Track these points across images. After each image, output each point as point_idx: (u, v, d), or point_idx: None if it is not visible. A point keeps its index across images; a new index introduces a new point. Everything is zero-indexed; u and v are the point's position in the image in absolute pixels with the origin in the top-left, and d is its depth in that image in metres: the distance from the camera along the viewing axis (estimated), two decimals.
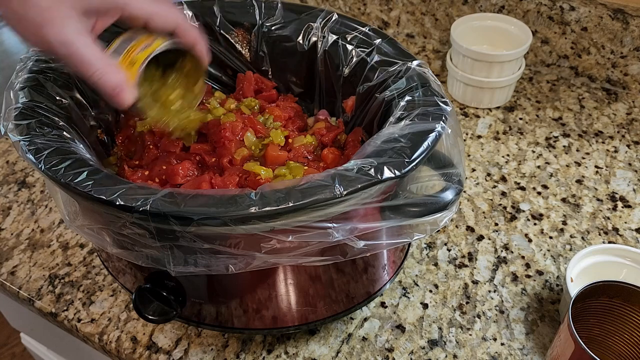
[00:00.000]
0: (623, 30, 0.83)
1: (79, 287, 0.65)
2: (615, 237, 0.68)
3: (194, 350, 0.58)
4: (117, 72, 0.47)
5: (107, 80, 0.46)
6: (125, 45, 0.50)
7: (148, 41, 0.50)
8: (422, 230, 0.47)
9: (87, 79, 0.46)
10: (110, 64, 0.47)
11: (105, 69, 0.46)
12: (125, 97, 0.47)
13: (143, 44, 0.50)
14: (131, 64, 0.49)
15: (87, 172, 0.44)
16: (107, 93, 0.47)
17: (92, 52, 0.46)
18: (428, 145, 0.46)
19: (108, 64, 0.47)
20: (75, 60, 0.45)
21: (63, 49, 0.45)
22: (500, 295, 0.62)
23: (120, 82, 0.47)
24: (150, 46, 0.50)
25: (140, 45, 0.50)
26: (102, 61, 0.46)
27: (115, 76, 0.47)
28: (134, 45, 0.50)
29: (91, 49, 0.46)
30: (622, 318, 0.52)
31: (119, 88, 0.47)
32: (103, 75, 0.46)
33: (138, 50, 0.50)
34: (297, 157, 0.56)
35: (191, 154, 0.56)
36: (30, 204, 0.76)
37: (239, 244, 0.44)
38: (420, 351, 0.58)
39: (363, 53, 0.58)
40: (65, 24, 0.44)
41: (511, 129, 0.83)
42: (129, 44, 0.50)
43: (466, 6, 0.92)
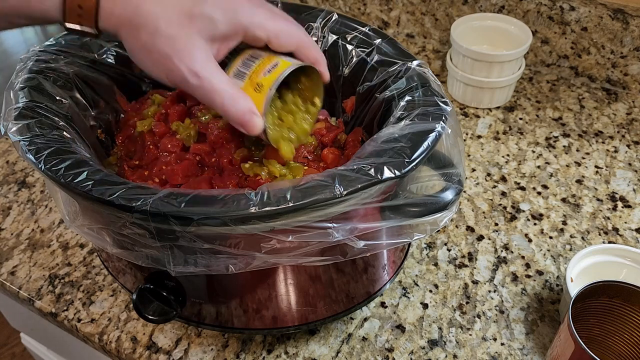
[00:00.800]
0: (623, 30, 0.83)
1: (79, 287, 0.65)
2: (615, 237, 0.68)
3: (194, 350, 0.58)
4: (245, 100, 0.46)
5: (237, 110, 0.45)
6: (246, 67, 0.48)
7: (271, 62, 0.48)
8: (422, 230, 0.47)
9: (216, 108, 0.46)
10: (238, 92, 0.46)
11: (235, 97, 0.45)
12: (254, 126, 0.46)
13: (267, 66, 0.48)
14: (257, 89, 0.47)
15: (87, 172, 0.44)
16: (236, 121, 0.46)
17: (221, 80, 0.45)
18: (428, 145, 0.46)
19: (236, 92, 0.45)
20: (205, 90, 0.44)
21: (194, 79, 0.44)
22: (500, 295, 0.62)
23: (249, 110, 0.46)
24: (276, 68, 0.47)
25: (265, 67, 0.47)
26: (231, 90, 0.45)
27: (244, 104, 0.45)
28: (257, 67, 0.48)
29: (219, 76, 0.45)
30: (622, 318, 0.52)
31: (248, 116, 0.46)
32: (233, 104, 0.45)
33: (263, 73, 0.47)
34: (297, 157, 0.56)
35: (191, 154, 0.56)
36: (30, 204, 0.76)
37: (239, 244, 0.44)
38: (420, 351, 0.58)
39: (363, 53, 0.58)
40: (195, 54, 0.44)
41: (511, 129, 0.83)
42: (251, 65, 0.48)
43: (466, 6, 0.92)
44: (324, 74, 0.52)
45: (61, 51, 0.57)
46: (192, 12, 0.44)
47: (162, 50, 0.43)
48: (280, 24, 0.49)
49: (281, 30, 0.48)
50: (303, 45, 0.49)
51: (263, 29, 0.47)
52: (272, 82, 0.47)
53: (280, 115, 0.52)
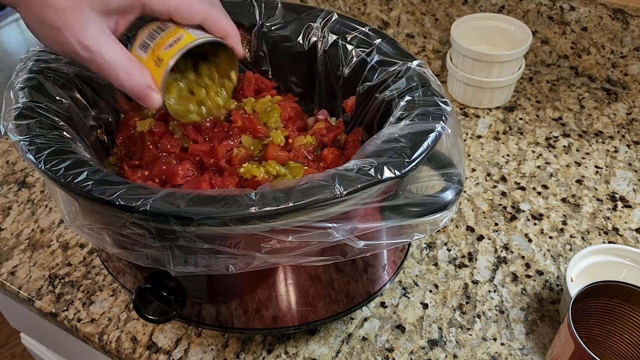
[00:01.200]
0: (623, 30, 0.83)
1: (79, 287, 0.65)
2: (615, 237, 0.68)
3: (194, 350, 0.58)
4: (142, 74, 0.45)
5: (132, 84, 0.44)
6: (151, 39, 0.47)
7: (176, 35, 0.46)
8: (422, 230, 0.47)
9: (112, 82, 0.45)
10: (134, 66, 0.44)
11: (130, 70, 0.44)
12: (151, 100, 0.45)
13: (171, 39, 0.46)
14: (158, 63, 0.46)
15: (87, 172, 0.44)
16: (133, 96, 0.45)
17: (115, 53, 0.43)
18: (428, 145, 0.46)
19: (132, 65, 0.44)
20: (98, 63, 0.43)
21: (84, 52, 0.43)
22: (500, 295, 0.62)
23: (145, 84, 0.45)
24: (178, 42, 0.46)
25: (168, 41, 0.46)
26: (126, 63, 0.44)
27: (140, 78, 0.44)
28: (160, 40, 0.46)
29: (114, 50, 0.43)
30: (622, 318, 0.52)
31: (144, 91, 0.45)
32: (128, 78, 0.44)
33: (164, 47, 0.46)
34: (297, 157, 0.56)
35: (190, 154, 0.56)
36: (30, 204, 0.76)
37: (239, 244, 0.44)
38: (420, 351, 0.58)
39: (363, 53, 0.58)
40: (86, 26, 0.42)
41: (511, 129, 0.83)
42: (156, 38, 0.46)
43: (466, 6, 0.92)
44: (234, 48, 0.49)
45: None
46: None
47: (52, 23, 0.42)
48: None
49: (182, 3, 0.46)
50: (209, 19, 0.47)
51: (161, 3, 0.45)
52: (171, 56, 0.46)
53: (192, 88, 0.51)
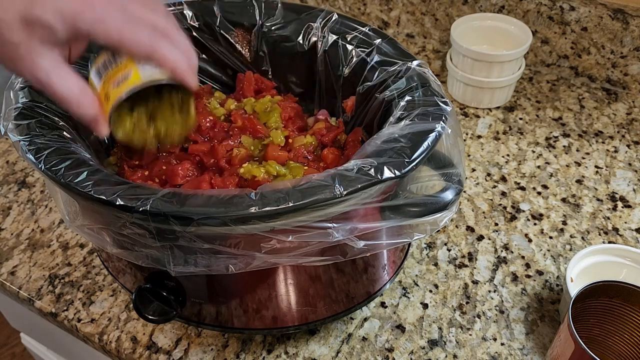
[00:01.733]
0: (623, 30, 0.83)
1: (79, 287, 0.65)
2: (615, 237, 0.68)
3: (194, 350, 0.58)
4: (92, 106, 0.46)
5: (82, 115, 0.46)
6: (104, 69, 0.47)
7: (125, 71, 0.46)
8: (422, 230, 0.47)
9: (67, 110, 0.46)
10: (84, 97, 0.45)
11: (80, 102, 0.45)
12: (99, 131, 0.47)
13: (120, 74, 0.46)
14: (106, 99, 0.47)
15: (87, 172, 0.44)
16: (85, 124, 0.47)
17: (67, 85, 0.45)
18: (428, 145, 0.46)
19: (82, 97, 0.45)
20: (50, 94, 0.45)
21: (37, 84, 0.44)
22: (500, 295, 0.62)
23: (93, 116, 0.46)
24: (125, 81, 0.46)
25: (117, 77, 0.46)
26: (77, 95, 0.45)
27: (89, 110, 0.46)
28: (111, 73, 0.47)
29: (65, 82, 0.45)
30: (622, 318, 0.52)
31: (93, 123, 0.46)
32: (78, 109, 0.45)
33: (113, 82, 0.47)
34: (297, 157, 0.56)
35: (190, 154, 0.56)
36: (30, 204, 0.76)
37: (239, 244, 0.44)
38: (420, 351, 0.58)
39: (363, 53, 0.58)
40: (38, 60, 0.43)
41: (511, 129, 0.83)
42: (108, 70, 0.47)
43: (466, 6, 0.92)
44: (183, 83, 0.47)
45: None
46: (30, 19, 0.42)
47: (8, 56, 0.43)
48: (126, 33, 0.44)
49: (126, 40, 0.44)
50: (154, 56, 0.45)
51: (105, 38, 0.44)
52: (116, 98, 0.46)
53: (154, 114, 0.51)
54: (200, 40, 0.65)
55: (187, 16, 0.64)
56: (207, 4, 0.65)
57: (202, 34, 0.65)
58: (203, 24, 0.64)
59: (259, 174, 0.52)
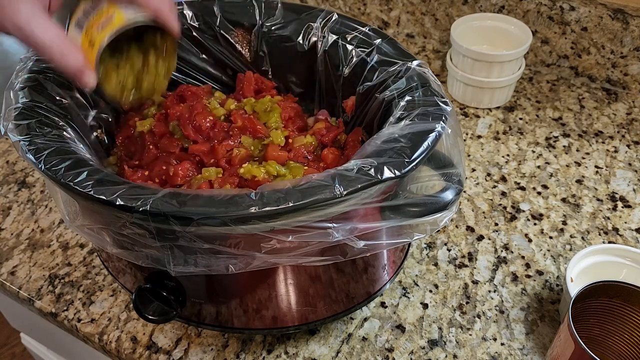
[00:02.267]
0: (623, 30, 0.83)
1: (79, 287, 0.65)
2: (615, 237, 0.68)
3: (194, 350, 0.58)
4: (75, 55, 0.45)
5: (66, 65, 0.45)
6: (84, 18, 0.46)
7: (107, 15, 0.46)
8: (422, 230, 0.47)
9: (48, 62, 0.45)
10: (67, 46, 0.45)
11: (63, 51, 0.44)
12: (86, 80, 0.46)
13: (102, 18, 0.46)
14: (91, 45, 0.46)
15: (87, 172, 0.44)
16: (68, 76, 0.46)
17: (48, 33, 0.44)
18: (428, 145, 0.46)
19: (65, 46, 0.44)
20: (32, 43, 0.44)
21: (18, 32, 0.43)
22: (500, 295, 0.62)
23: (79, 65, 0.45)
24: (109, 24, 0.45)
25: (100, 20, 0.46)
26: (59, 44, 0.44)
27: (73, 59, 0.45)
28: (93, 19, 0.46)
29: (47, 30, 0.44)
30: (622, 318, 0.52)
31: (78, 73, 0.45)
32: (61, 58, 0.44)
33: (97, 27, 0.46)
34: (297, 157, 0.56)
35: (190, 154, 0.56)
36: (30, 204, 0.76)
37: (239, 244, 0.44)
38: (420, 351, 0.58)
39: (363, 53, 0.58)
40: (18, 6, 0.43)
41: (511, 129, 0.83)
42: (89, 17, 0.46)
43: (466, 6, 0.92)
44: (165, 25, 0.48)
45: None
46: None
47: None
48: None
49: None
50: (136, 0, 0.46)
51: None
52: (103, 39, 0.46)
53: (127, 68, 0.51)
54: (200, 40, 0.65)
55: (187, 16, 0.64)
56: (207, 4, 0.65)
57: (202, 34, 0.65)
58: (203, 24, 0.64)
59: (259, 174, 0.52)
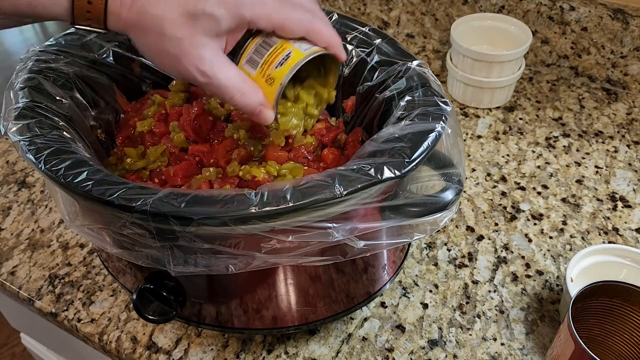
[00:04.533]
0: (623, 30, 0.83)
1: (79, 287, 0.65)
2: (615, 237, 0.68)
3: (194, 350, 0.58)
4: (255, 93, 0.47)
5: (246, 103, 0.47)
6: (259, 55, 0.48)
7: (284, 52, 0.48)
8: (422, 230, 0.47)
9: (228, 102, 0.47)
10: (247, 86, 0.47)
11: (243, 90, 0.46)
12: (265, 118, 0.48)
13: (279, 56, 0.48)
14: (269, 82, 0.48)
15: (87, 172, 0.44)
16: (247, 113, 0.48)
17: (230, 75, 0.46)
18: (428, 145, 0.46)
19: (245, 85, 0.47)
20: (214, 87, 0.46)
21: (202, 78, 0.45)
22: (500, 295, 0.62)
23: (258, 102, 0.47)
24: (288, 60, 0.47)
25: (277, 58, 0.48)
26: (240, 84, 0.46)
27: (253, 98, 0.47)
28: (269, 57, 0.48)
29: (228, 72, 0.46)
30: (622, 318, 0.52)
31: (257, 109, 0.47)
32: (242, 98, 0.46)
33: (274, 65, 0.48)
34: (297, 157, 0.56)
35: (190, 154, 0.56)
36: (30, 204, 0.76)
37: (239, 244, 0.44)
38: (420, 351, 0.58)
39: (363, 53, 0.58)
40: (202, 53, 0.45)
41: (511, 129, 0.83)
42: (264, 54, 0.48)
43: (466, 6, 0.92)
44: (337, 55, 0.51)
45: (61, 51, 0.57)
46: (195, 12, 0.44)
47: (170, 52, 0.45)
48: (286, 13, 0.48)
49: (286, 19, 0.48)
50: (312, 32, 0.49)
51: (267, 21, 0.47)
52: (283, 75, 0.47)
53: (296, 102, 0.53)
54: None
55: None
56: None
57: None
58: None
59: (259, 174, 0.52)
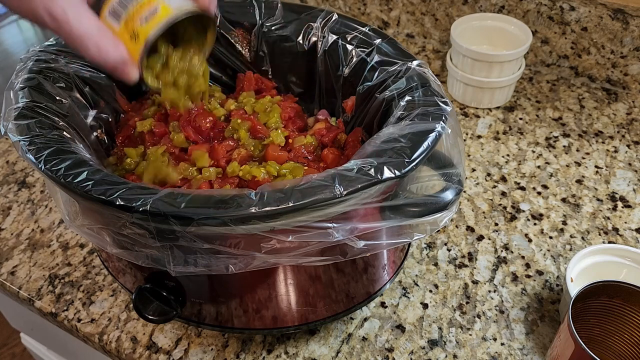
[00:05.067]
0: (623, 30, 0.83)
1: (79, 287, 0.65)
2: (615, 237, 0.68)
3: (194, 350, 0.58)
4: (116, 47, 0.42)
5: (105, 58, 0.42)
6: (122, 7, 0.43)
7: (151, 5, 0.43)
8: (422, 230, 0.47)
9: (84, 56, 0.42)
10: (106, 38, 0.41)
11: (100, 43, 0.41)
12: (128, 75, 0.43)
13: (145, 9, 0.43)
14: (134, 37, 0.43)
15: (87, 172, 0.44)
16: (107, 70, 0.43)
17: (85, 24, 0.41)
18: (428, 145, 0.46)
19: (103, 38, 0.41)
20: (66, 34, 0.41)
21: (52, 22, 0.40)
22: (500, 295, 0.62)
23: (120, 58, 0.42)
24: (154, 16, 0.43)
25: (142, 12, 0.43)
26: (97, 35, 0.41)
27: (114, 52, 0.42)
28: (134, 10, 0.43)
29: (84, 20, 0.41)
30: (622, 318, 0.52)
31: (119, 66, 0.42)
32: (99, 52, 0.41)
33: (140, 19, 0.43)
34: (297, 157, 0.56)
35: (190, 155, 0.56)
36: (30, 204, 0.76)
37: (239, 244, 0.44)
38: (420, 351, 0.58)
39: (363, 53, 0.58)
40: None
41: (511, 129, 0.83)
42: (128, 6, 0.43)
43: (466, 6, 0.92)
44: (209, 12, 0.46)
45: (61, 51, 0.57)
46: None
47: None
48: None
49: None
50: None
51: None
52: (148, 33, 0.43)
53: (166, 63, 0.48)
54: None
55: None
56: None
57: None
58: None
59: (259, 174, 0.52)
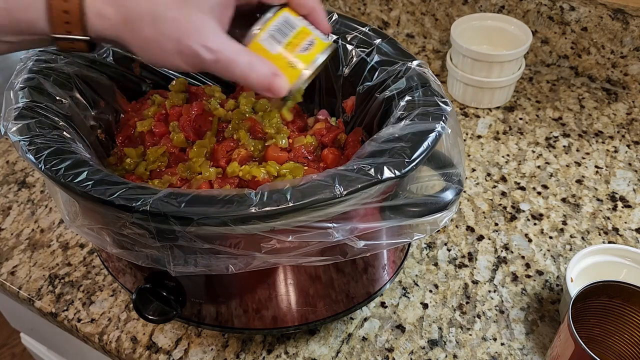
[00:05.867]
0: (623, 30, 0.83)
1: (79, 287, 0.65)
2: (615, 237, 0.68)
3: (194, 350, 0.58)
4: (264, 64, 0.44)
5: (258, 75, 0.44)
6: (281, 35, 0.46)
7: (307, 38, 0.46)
8: (422, 230, 0.47)
9: (237, 78, 0.44)
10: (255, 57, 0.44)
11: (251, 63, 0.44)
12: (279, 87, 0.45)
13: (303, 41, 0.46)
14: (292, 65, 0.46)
15: (87, 172, 0.44)
16: (260, 86, 0.44)
17: (234, 49, 0.43)
18: (428, 145, 0.46)
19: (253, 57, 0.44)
20: (221, 63, 0.43)
21: (209, 55, 0.42)
22: (500, 295, 0.62)
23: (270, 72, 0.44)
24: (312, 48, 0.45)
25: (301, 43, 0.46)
26: (247, 57, 0.44)
27: (263, 68, 0.44)
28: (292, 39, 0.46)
29: (232, 46, 0.43)
30: (622, 318, 0.52)
31: (270, 78, 0.44)
32: (251, 70, 0.44)
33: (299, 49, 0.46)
34: (297, 157, 0.56)
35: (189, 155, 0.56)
36: (30, 204, 0.76)
37: (239, 244, 0.44)
38: (420, 351, 0.58)
39: (363, 53, 0.58)
40: (202, 29, 0.42)
41: (511, 129, 0.83)
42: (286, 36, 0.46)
43: (466, 6, 0.92)
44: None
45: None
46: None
47: (169, 36, 0.42)
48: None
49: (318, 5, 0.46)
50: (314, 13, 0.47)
51: None
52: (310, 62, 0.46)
53: None
54: None
55: None
56: None
57: None
58: None
59: (259, 174, 0.52)
